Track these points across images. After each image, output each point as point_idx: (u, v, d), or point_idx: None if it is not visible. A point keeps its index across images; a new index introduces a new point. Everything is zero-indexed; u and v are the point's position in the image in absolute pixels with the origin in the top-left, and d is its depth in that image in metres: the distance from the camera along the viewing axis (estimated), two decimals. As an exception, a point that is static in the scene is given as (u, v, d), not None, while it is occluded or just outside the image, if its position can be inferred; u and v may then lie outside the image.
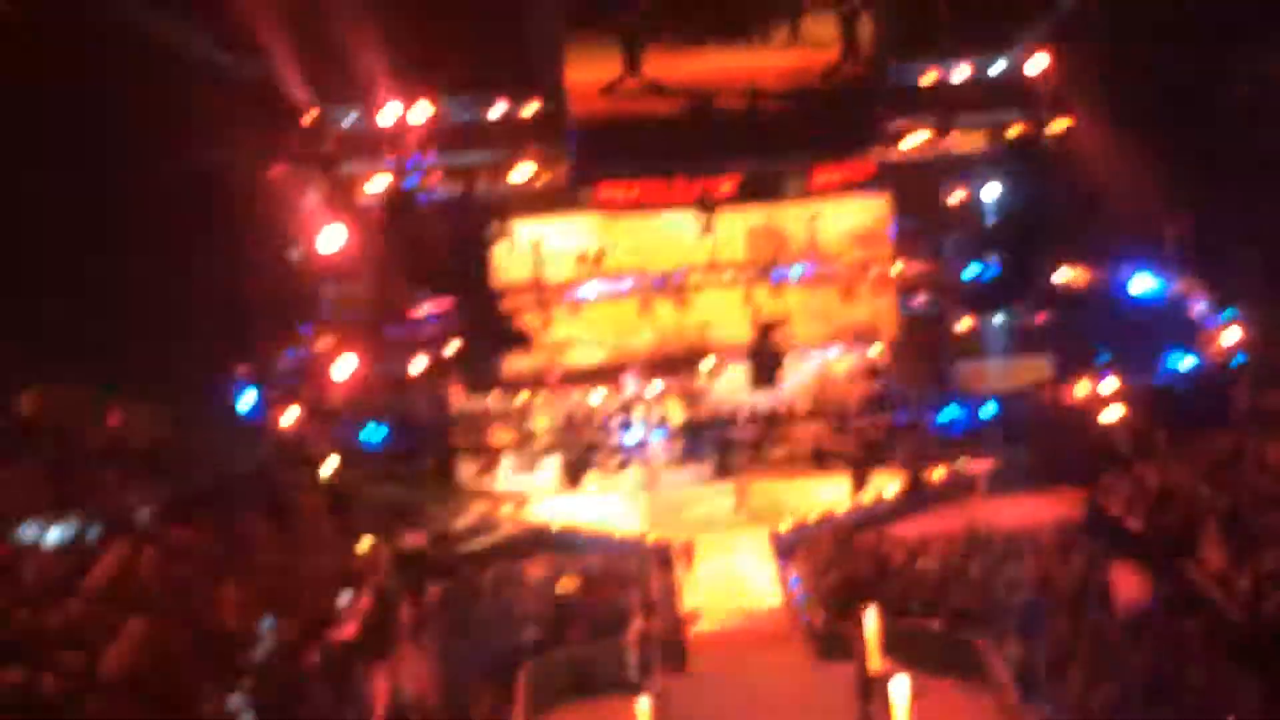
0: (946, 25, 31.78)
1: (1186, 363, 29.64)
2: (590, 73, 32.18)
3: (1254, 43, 30.17)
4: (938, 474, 28.43)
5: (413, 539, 26.33)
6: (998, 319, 33.25)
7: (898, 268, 33.87)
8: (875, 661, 17.11)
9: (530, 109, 32.71)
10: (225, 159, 31.42)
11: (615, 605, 22.69)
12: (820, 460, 30.42)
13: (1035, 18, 31.74)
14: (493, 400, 31.48)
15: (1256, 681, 17.79)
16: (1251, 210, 31.04)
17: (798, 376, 32.03)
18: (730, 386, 31.91)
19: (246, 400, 30.00)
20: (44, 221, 25.86)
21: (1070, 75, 31.94)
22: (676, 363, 32.21)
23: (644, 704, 17.07)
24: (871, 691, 16.89)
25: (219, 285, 29.63)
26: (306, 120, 32.60)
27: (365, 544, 25.54)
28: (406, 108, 31.78)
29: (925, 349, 32.90)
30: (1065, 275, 33.97)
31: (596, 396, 31.51)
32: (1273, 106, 30.59)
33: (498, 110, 32.52)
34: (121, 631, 18.83)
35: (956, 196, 33.56)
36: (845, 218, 33.76)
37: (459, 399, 31.08)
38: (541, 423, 30.27)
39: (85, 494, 23.42)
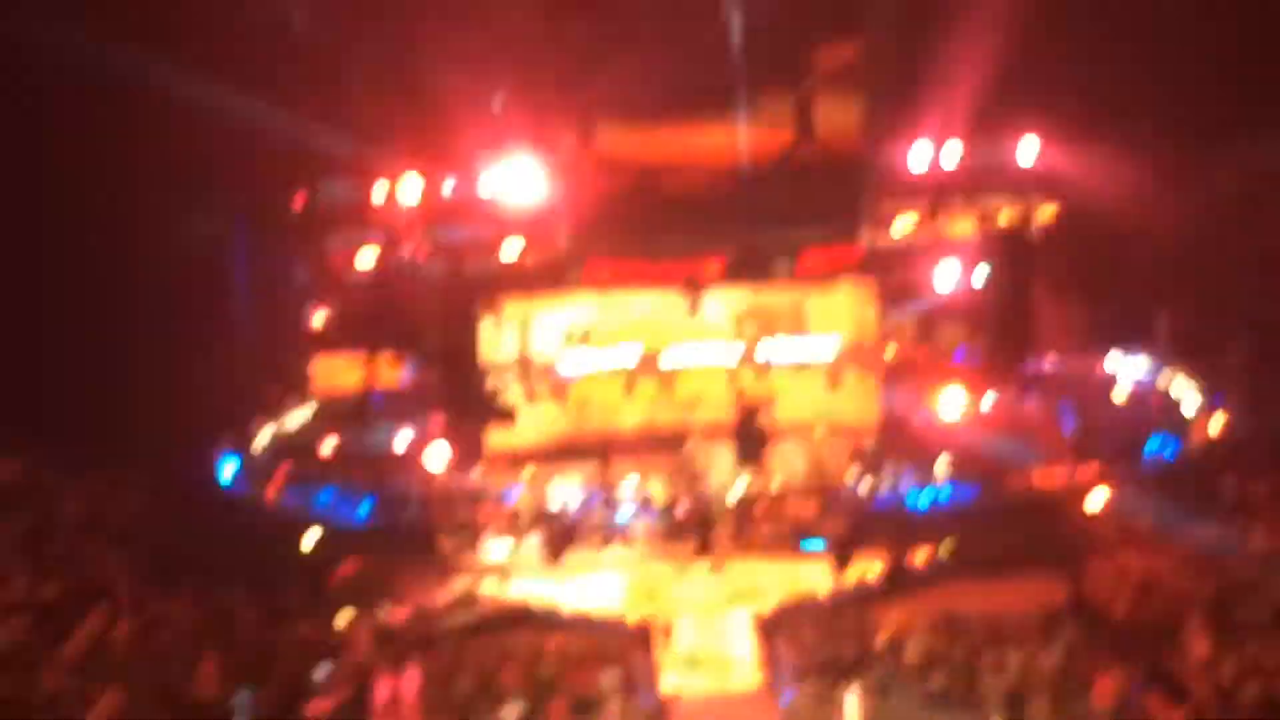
0: (933, 109, 32.00)
1: (1172, 450, 29.67)
2: (567, 148, 32.51)
3: (1249, 134, 30.62)
4: (920, 557, 28.35)
5: (392, 613, 26.24)
6: (983, 404, 33.25)
7: (884, 351, 33.95)
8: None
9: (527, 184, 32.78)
10: (209, 230, 31.66)
11: (595, 684, 22.61)
12: (804, 541, 30.28)
13: (1025, 104, 31.96)
14: (476, 476, 31.37)
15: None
16: (1241, 298, 31.32)
17: (782, 457, 31.95)
18: (714, 466, 31.83)
19: (228, 471, 29.97)
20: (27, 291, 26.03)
21: (1061, 161, 32.17)
22: (661, 441, 32.17)
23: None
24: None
25: (202, 355, 29.71)
26: (296, 194, 32.77)
27: (344, 617, 25.43)
28: (396, 182, 31.92)
29: (910, 432, 32.86)
30: (1051, 361, 34.11)
31: (580, 474, 31.41)
32: (1266, 198, 30.98)
33: (489, 186, 32.57)
34: (97, 702, 18.74)
35: (944, 282, 33.64)
36: (832, 301, 33.81)
37: (443, 474, 30.97)
38: (524, 499, 30.13)
39: (63, 562, 23.35)
